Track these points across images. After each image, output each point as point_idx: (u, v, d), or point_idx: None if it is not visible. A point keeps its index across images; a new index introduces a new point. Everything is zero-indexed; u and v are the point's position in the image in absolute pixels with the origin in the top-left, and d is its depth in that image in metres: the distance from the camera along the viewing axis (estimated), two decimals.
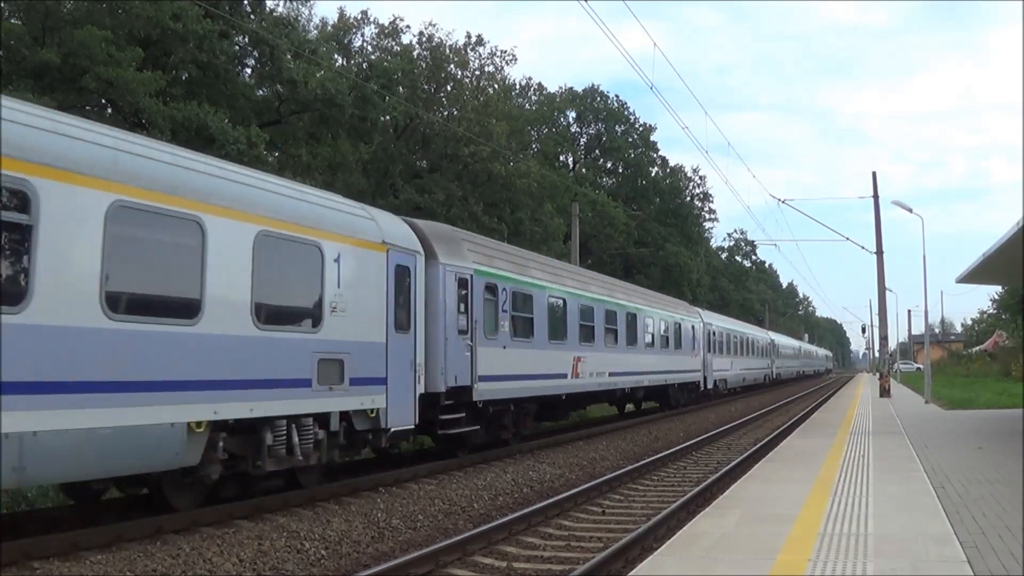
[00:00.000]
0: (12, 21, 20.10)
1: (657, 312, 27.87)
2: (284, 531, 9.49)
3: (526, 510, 11.06)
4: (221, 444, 9.23)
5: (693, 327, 32.60)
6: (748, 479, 11.33)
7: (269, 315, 9.86)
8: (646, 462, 16.21)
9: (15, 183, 7.16)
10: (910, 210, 31.56)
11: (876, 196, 33.86)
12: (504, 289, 16.03)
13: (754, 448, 18.25)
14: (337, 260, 11.11)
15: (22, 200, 7.27)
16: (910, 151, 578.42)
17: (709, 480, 13.66)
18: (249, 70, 28.00)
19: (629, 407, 28.98)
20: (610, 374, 21.94)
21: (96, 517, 9.38)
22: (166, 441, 8.34)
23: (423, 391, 13.14)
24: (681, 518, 10.42)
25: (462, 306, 14.38)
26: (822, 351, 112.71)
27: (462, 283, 14.47)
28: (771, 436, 20.83)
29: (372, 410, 11.76)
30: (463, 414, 14.42)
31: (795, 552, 6.82)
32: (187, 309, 8.79)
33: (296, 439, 10.24)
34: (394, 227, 13.05)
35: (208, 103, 22.14)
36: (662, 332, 27.84)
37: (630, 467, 15.48)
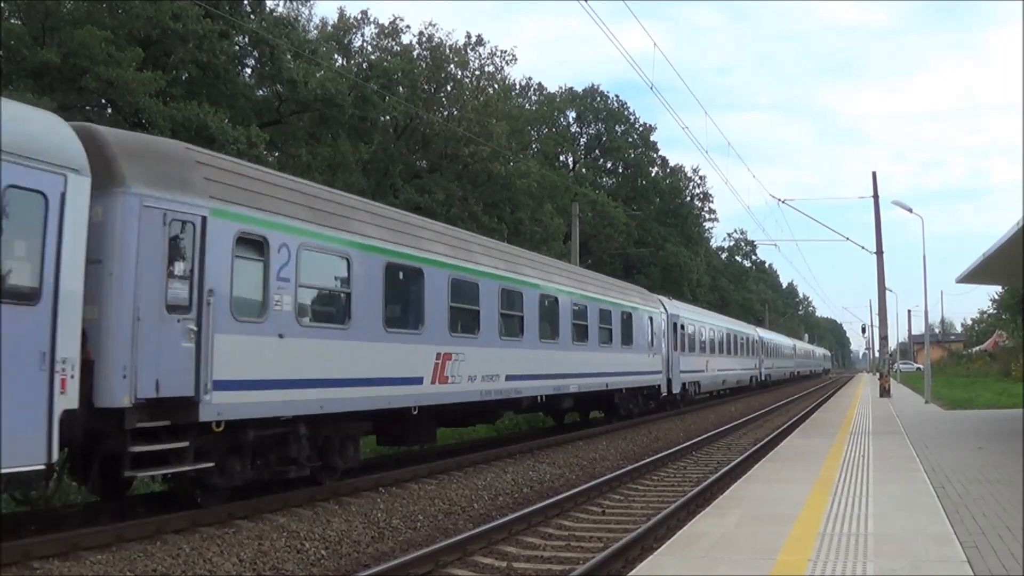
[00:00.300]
0: (12, 21, 20.10)
1: (595, 297, 21.56)
2: (284, 531, 9.49)
3: (526, 510, 11.06)
4: None
5: (651, 319, 26.44)
6: (748, 479, 11.33)
7: None
8: (646, 462, 16.20)
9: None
10: (910, 210, 31.57)
11: (876, 196, 33.90)
12: (285, 246, 10.54)
13: (754, 448, 18.25)
14: None
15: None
16: (910, 151, 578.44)
17: (709, 480, 13.66)
18: (249, 70, 28.02)
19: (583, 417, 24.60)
20: (508, 377, 16.19)
21: (96, 517, 9.38)
22: None
23: (73, 406, 7.99)
24: (681, 518, 10.42)
25: (178, 266, 9.19)
26: (819, 350, 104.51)
27: (181, 228, 9.21)
28: (771, 436, 20.83)
29: None
30: (186, 443, 9.22)
31: (795, 552, 6.82)
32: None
33: None
34: (18, 126, 7.73)
35: (208, 103, 22.16)
36: (603, 324, 21.74)
37: (630, 467, 15.48)
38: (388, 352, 12.56)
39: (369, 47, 37.62)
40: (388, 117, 32.42)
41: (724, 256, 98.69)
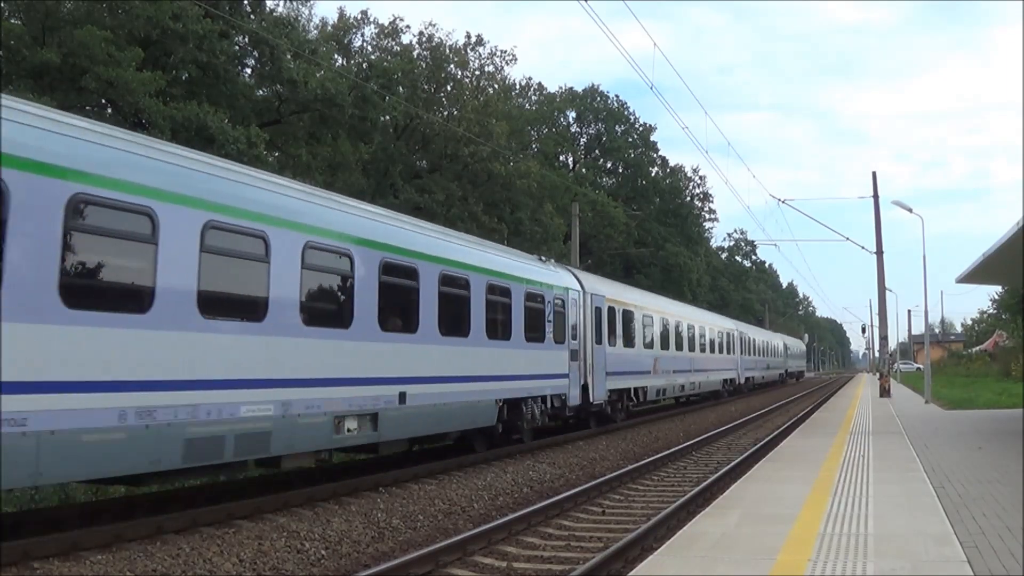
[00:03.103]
0: (12, 21, 20.11)
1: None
2: (284, 531, 9.49)
3: (526, 510, 11.05)
4: None
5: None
6: (748, 479, 11.33)
7: None
8: (646, 462, 16.19)
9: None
10: (910, 210, 31.56)
11: (876, 196, 33.89)
12: None
13: (754, 448, 18.24)
14: None
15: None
16: (911, 151, 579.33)
17: (709, 480, 13.65)
18: (249, 70, 28.03)
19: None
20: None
21: (96, 517, 9.38)
22: None
23: None
24: (681, 518, 10.41)
25: None
26: (782, 342, 68.61)
27: None
28: (771, 436, 20.82)
29: None
30: None
31: (795, 552, 6.82)
32: None
33: None
34: None
35: (208, 103, 22.17)
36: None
37: (630, 467, 15.47)
38: None
39: (369, 47, 37.68)
40: (388, 117, 32.44)
41: (724, 256, 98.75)
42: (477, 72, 40.27)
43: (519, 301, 16.66)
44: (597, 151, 68.62)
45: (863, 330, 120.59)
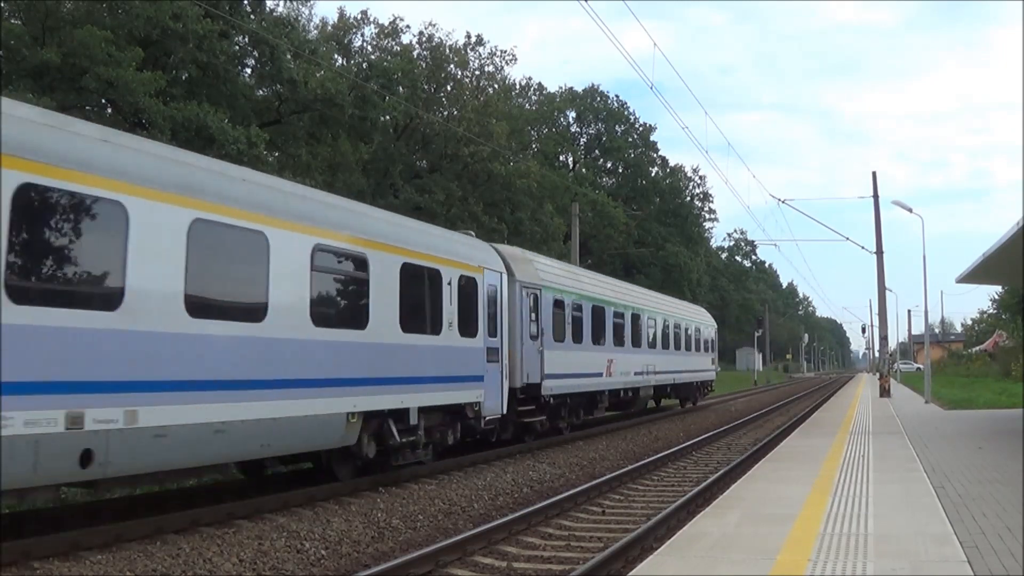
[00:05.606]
0: (12, 21, 20.12)
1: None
2: (284, 531, 9.49)
3: (526, 510, 11.05)
4: None
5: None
6: (748, 479, 11.33)
7: None
8: (646, 462, 16.19)
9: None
10: (910, 210, 31.57)
11: (876, 196, 33.90)
12: None
13: (754, 448, 18.25)
14: None
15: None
16: (912, 151, 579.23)
17: (709, 480, 13.65)
18: (249, 70, 28.05)
19: None
20: None
21: (96, 517, 9.38)
22: None
23: None
24: (681, 518, 10.41)
25: None
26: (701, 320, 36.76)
27: None
28: (771, 436, 20.83)
29: None
30: None
31: (795, 552, 6.82)
32: None
33: None
34: None
35: (208, 103, 22.18)
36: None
37: (630, 467, 15.47)
38: None
39: (369, 47, 37.73)
40: (388, 117, 32.46)
41: (724, 256, 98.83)
42: (477, 72, 40.32)
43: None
44: (597, 151, 68.65)
45: (863, 330, 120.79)
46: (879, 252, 33.71)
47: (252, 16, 26.90)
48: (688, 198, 74.37)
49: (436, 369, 13.32)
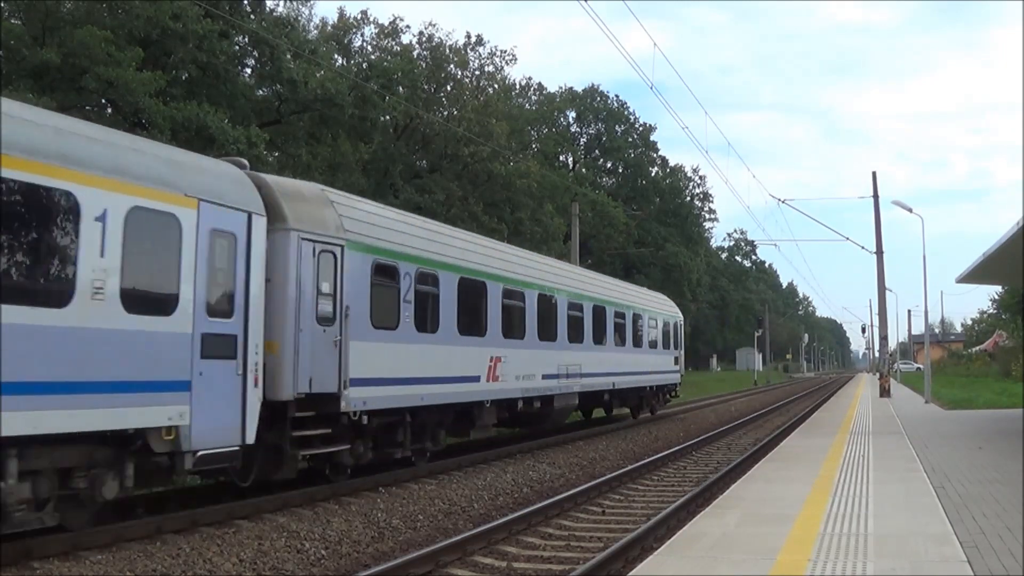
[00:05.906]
0: (12, 21, 20.13)
1: None
2: (284, 531, 9.49)
3: (526, 510, 11.05)
4: None
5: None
6: (748, 479, 11.33)
7: None
8: (646, 462, 16.20)
9: None
10: (910, 210, 31.56)
11: (876, 196, 33.89)
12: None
13: (754, 448, 18.25)
14: None
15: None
16: (912, 151, 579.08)
17: (709, 480, 13.66)
18: (249, 70, 28.05)
19: None
20: None
21: (96, 517, 9.37)
22: None
23: None
24: (681, 518, 10.42)
25: None
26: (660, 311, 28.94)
27: None
28: (771, 436, 20.83)
29: None
30: None
31: (795, 552, 6.82)
32: None
33: None
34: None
35: (208, 103, 22.17)
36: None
37: (630, 467, 15.47)
38: None
39: (369, 47, 37.72)
40: (388, 117, 32.47)
41: (724, 256, 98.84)
42: (477, 72, 40.31)
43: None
44: (597, 151, 68.68)
45: (863, 330, 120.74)
46: (879, 252, 33.71)
47: (252, 16, 26.91)
48: (688, 198, 74.40)
49: (49, 372, 7.47)
